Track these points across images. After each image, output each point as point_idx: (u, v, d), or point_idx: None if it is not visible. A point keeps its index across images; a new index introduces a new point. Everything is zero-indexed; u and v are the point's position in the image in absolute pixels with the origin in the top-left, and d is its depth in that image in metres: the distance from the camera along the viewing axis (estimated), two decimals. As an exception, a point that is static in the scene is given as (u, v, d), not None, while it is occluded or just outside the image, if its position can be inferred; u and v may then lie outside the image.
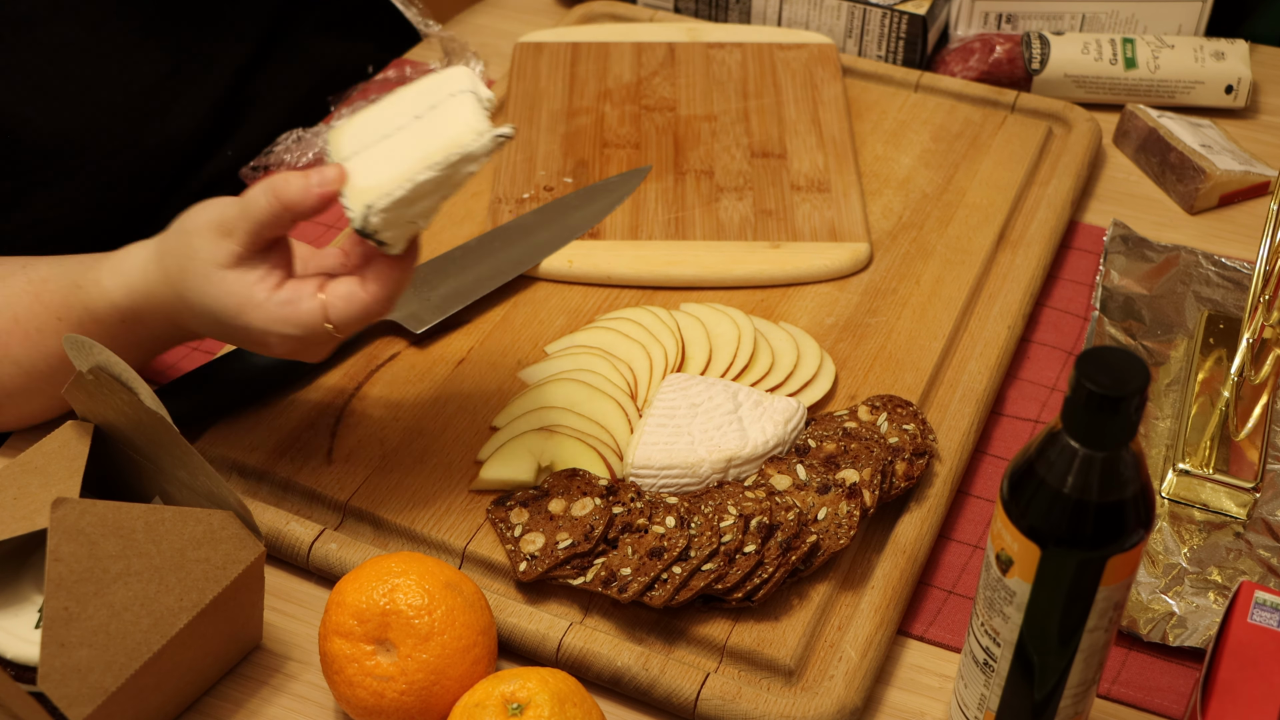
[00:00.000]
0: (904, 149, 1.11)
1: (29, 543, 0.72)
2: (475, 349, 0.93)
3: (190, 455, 0.70)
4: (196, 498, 0.72)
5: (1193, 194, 1.07)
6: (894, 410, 0.84)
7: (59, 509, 0.65)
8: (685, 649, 0.76)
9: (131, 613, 0.66)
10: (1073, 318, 0.98)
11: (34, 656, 0.68)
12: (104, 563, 0.66)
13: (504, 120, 1.12)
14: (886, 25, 1.19)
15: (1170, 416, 0.89)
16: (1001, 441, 0.89)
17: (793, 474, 0.81)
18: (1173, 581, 0.79)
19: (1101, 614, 0.62)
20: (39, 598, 0.71)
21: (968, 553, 0.82)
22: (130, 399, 0.69)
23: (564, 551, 0.77)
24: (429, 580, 0.70)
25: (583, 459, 0.82)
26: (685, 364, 0.89)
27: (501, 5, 1.33)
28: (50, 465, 0.71)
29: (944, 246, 1.01)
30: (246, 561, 0.70)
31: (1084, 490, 0.59)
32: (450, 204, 1.05)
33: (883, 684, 0.76)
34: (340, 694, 0.70)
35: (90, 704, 0.64)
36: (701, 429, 0.82)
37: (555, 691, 0.66)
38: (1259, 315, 0.86)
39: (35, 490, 0.70)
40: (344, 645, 0.69)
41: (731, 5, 1.24)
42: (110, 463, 0.75)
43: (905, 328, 0.94)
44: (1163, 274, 0.99)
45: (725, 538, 0.76)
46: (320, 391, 0.90)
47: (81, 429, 0.73)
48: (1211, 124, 1.13)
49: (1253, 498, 0.83)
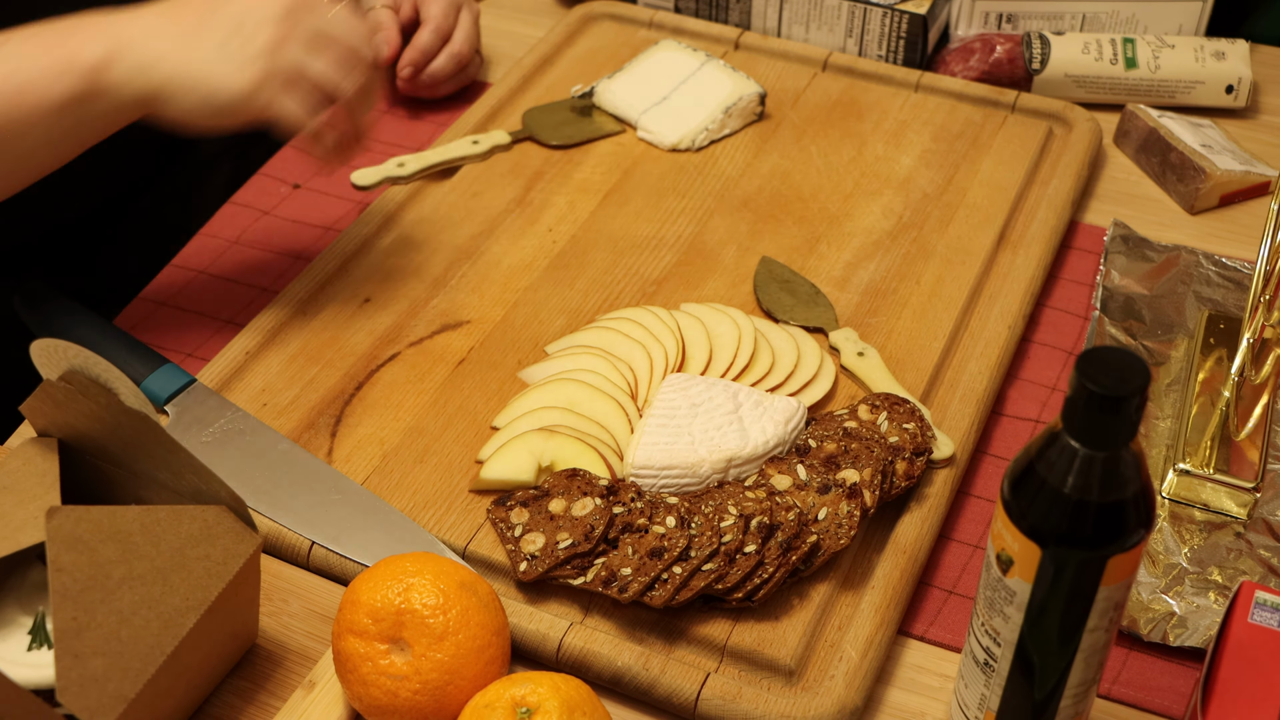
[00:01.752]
0: (904, 149, 1.11)
1: (7, 564, 0.71)
2: (475, 349, 0.93)
3: (175, 452, 0.69)
4: (180, 499, 0.71)
5: (1193, 194, 1.07)
6: (894, 409, 0.84)
7: (54, 518, 0.64)
8: (686, 649, 0.76)
9: (140, 616, 0.65)
10: (1073, 318, 0.98)
11: (30, 679, 0.67)
12: (105, 569, 0.65)
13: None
14: (886, 25, 1.19)
15: (1171, 416, 0.89)
16: (1001, 441, 0.89)
17: (793, 474, 0.81)
18: (1173, 581, 0.79)
19: (1102, 614, 0.62)
20: (27, 619, 0.70)
21: (968, 553, 0.82)
22: (108, 400, 0.68)
23: (564, 551, 0.77)
24: (444, 580, 0.70)
25: (583, 459, 0.82)
26: (685, 364, 0.89)
27: (501, 5, 1.33)
28: (20, 483, 0.70)
29: (944, 246, 1.01)
30: (246, 554, 0.69)
31: (1084, 490, 0.58)
32: (451, 204, 1.05)
33: (883, 684, 0.76)
34: (354, 693, 0.70)
35: (111, 713, 0.63)
36: (702, 429, 0.82)
37: (566, 698, 0.66)
38: (1259, 315, 0.86)
39: (10, 509, 0.69)
40: (358, 644, 0.69)
41: (731, 5, 1.24)
42: (76, 477, 0.73)
43: (905, 328, 0.94)
44: (1163, 274, 0.99)
45: (725, 538, 0.76)
46: (320, 392, 0.90)
47: (44, 444, 0.71)
48: (1212, 124, 1.13)
49: (1253, 498, 0.83)
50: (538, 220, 1.04)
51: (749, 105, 1.12)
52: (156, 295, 1.00)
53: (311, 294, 0.97)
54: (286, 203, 1.08)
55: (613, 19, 1.26)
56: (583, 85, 1.17)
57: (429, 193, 1.06)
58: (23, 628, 0.70)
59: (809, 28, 1.22)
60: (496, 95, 1.15)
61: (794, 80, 1.19)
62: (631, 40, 1.24)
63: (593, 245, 1.01)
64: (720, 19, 1.26)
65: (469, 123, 1.12)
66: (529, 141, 1.12)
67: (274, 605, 0.79)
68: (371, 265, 0.99)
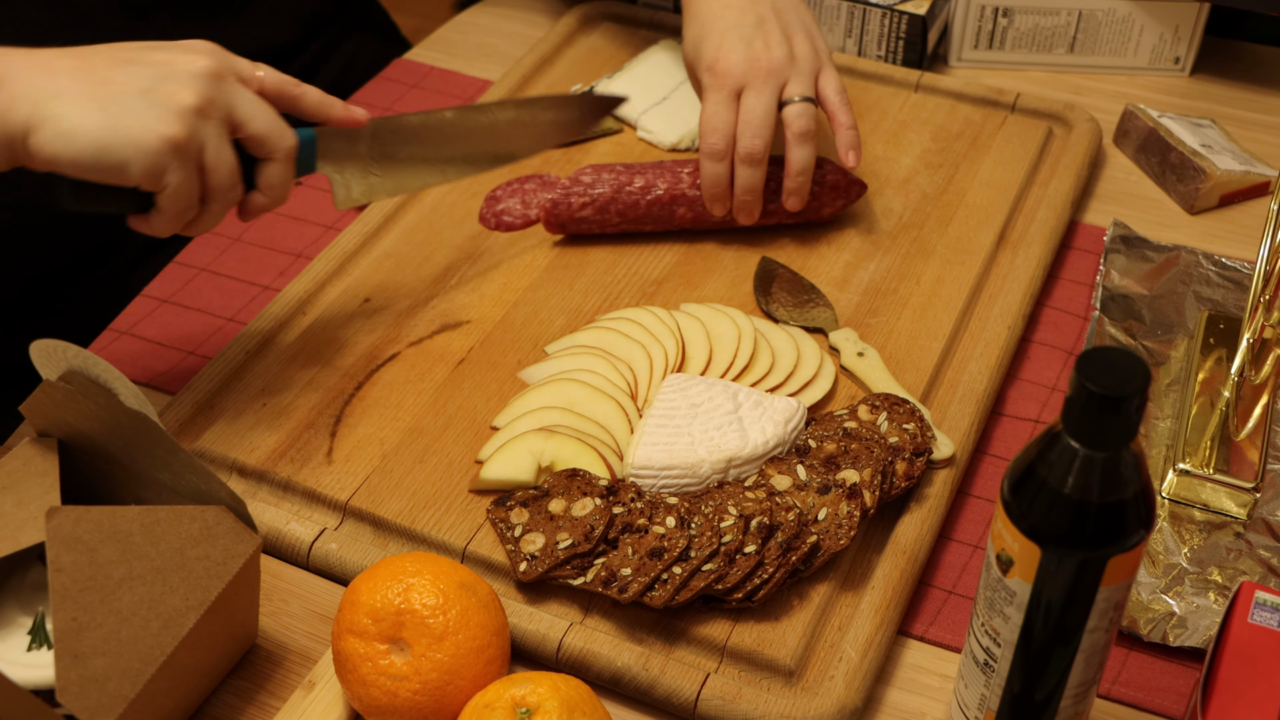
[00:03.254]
0: (904, 149, 1.11)
1: (7, 564, 0.71)
2: (475, 349, 0.93)
3: (175, 453, 0.69)
4: (180, 499, 0.71)
5: (1193, 194, 1.07)
6: (894, 410, 0.84)
7: (54, 518, 0.64)
8: (685, 649, 0.76)
9: (140, 617, 0.65)
10: (1073, 318, 0.98)
11: (29, 679, 0.67)
12: (105, 569, 0.65)
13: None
14: (886, 25, 1.19)
15: (1170, 416, 0.89)
16: (1001, 441, 0.89)
17: (793, 474, 0.81)
18: (1173, 581, 0.79)
19: (1102, 614, 0.62)
20: (27, 619, 0.70)
21: (968, 553, 0.82)
22: (108, 400, 0.68)
23: (564, 552, 0.77)
24: (444, 580, 0.70)
25: (583, 459, 0.82)
26: (685, 364, 0.89)
27: (501, 5, 1.33)
28: (19, 483, 0.70)
29: (944, 246, 1.01)
30: (246, 555, 0.69)
31: (1084, 490, 0.58)
32: (450, 205, 1.05)
33: (883, 684, 0.76)
34: (354, 693, 0.70)
35: (111, 713, 0.63)
36: (702, 429, 0.82)
37: (565, 699, 0.66)
38: (1259, 315, 0.86)
39: (10, 509, 0.69)
40: (358, 644, 0.69)
41: (731, 5, 1.24)
42: (76, 477, 0.73)
43: (905, 328, 0.94)
44: (1163, 274, 0.99)
45: (725, 538, 0.76)
46: (320, 391, 0.90)
47: (44, 444, 0.72)
48: (1212, 124, 1.13)
49: (1253, 498, 0.83)
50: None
51: None
52: (158, 293, 1.00)
53: (311, 294, 0.97)
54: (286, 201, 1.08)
55: (613, 19, 1.26)
56: (582, 85, 1.16)
57: (429, 192, 1.06)
58: (23, 628, 0.70)
59: (809, 27, 1.22)
60: (496, 95, 1.15)
61: (794, 80, 1.18)
62: (631, 40, 1.24)
63: (592, 245, 1.01)
64: (720, 19, 1.26)
65: (469, 122, 1.12)
66: (529, 141, 1.12)
67: (274, 605, 0.79)
68: (371, 265, 0.99)
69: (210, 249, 1.04)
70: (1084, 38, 1.21)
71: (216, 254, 1.03)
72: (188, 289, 1.00)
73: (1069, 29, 1.21)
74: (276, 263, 1.02)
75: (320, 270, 0.98)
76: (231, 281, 1.01)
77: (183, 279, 1.01)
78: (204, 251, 1.04)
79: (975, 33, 1.22)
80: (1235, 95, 1.20)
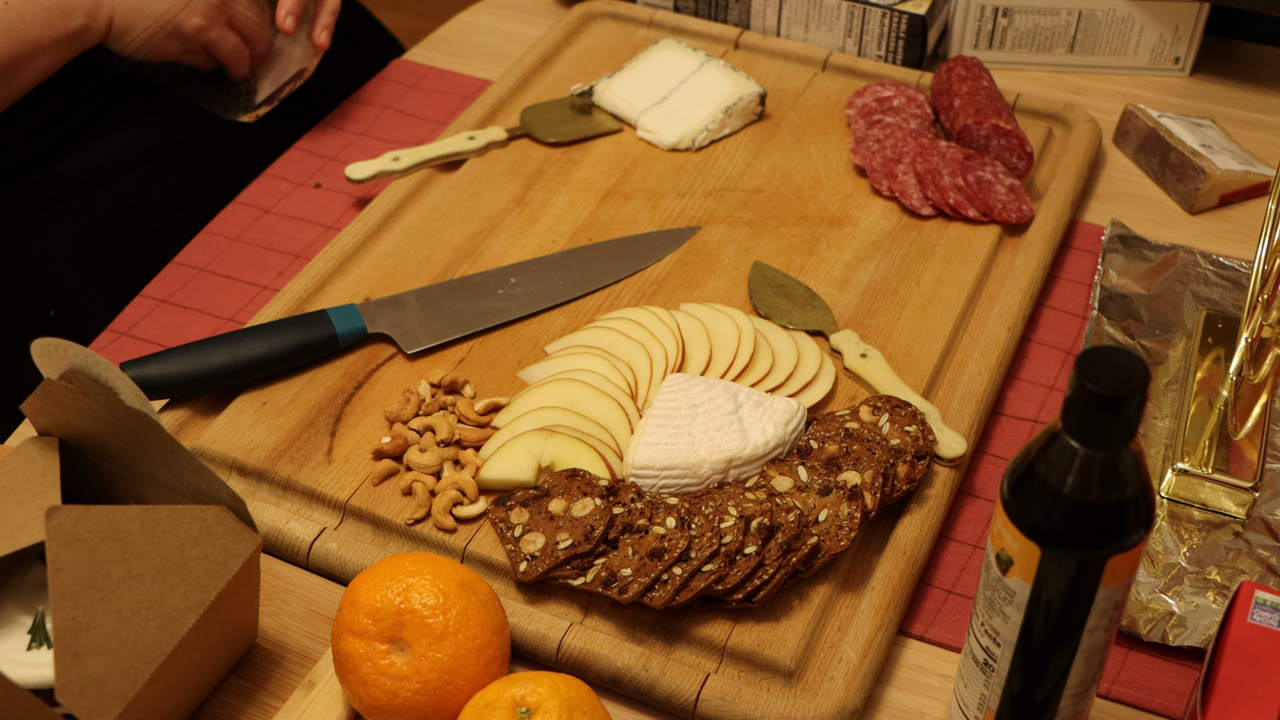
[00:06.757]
0: (904, 149, 1.11)
1: (7, 563, 0.71)
2: (475, 349, 0.93)
3: (175, 452, 0.69)
4: (179, 499, 0.71)
5: (1193, 194, 1.07)
6: (895, 412, 0.84)
7: (54, 517, 0.64)
8: (685, 650, 0.76)
9: (140, 616, 0.65)
10: (1072, 317, 0.98)
11: (29, 679, 0.67)
12: (105, 568, 0.65)
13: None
14: (886, 25, 1.19)
15: (1169, 416, 0.89)
16: (1001, 441, 0.89)
17: (794, 475, 0.81)
18: (1172, 581, 0.79)
19: (1101, 614, 0.62)
20: (27, 619, 0.70)
21: (968, 553, 0.83)
22: (109, 399, 0.68)
23: (564, 552, 0.77)
24: (443, 580, 0.70)
25: (583, 459, 0.82)
26: (685, 364, 0.89)
27: (501, 5, 1.33)
28: (20, 482, 0.70)
29: (944, 247, 1.01)
30: (245, 554, 0.69)
31: (1084, 490, 0.59)
32: (450, 203, 1.05)
33: (883, 684, 0.76)
34: (354, 693, 0.70)
35: (111, 713, 0.63)
36: (702, 430, 0.82)
37: (565, 698, 0.66)
38: (1257, 314, 0.86)
39: (10, 508, 0.69)
40: (358, 644, 0.69)
41: (731, 5, 1.24)
42: (76, 476, 0.73)
43: (905, 328, 0.94)
44: (1161, 273, 0.99)
45: (726, 539, 0.76)
46: (320, 391, 0.90)
47: (45, 443, 0.72)
48: (1212, 123, 1.13)
49: (1252, 497, 0.83)
50: (537, 219, 1.04)
51: (749, 105, 1.12)
52: (157, 293, 1.00)
53: (311, 293, 0.97)
54: (287, 201, 1.08)
55: (612, 18, 1.26)
56: (582, 84, 1.16)
57: (429, 191, 1.06)
58: (22, 627, 0.70)
59: (808, 27, 1.22)
60: (496, 94, 1.15)
61: (794, 80, 1.19)
62: (631, 40, 1.24)
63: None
64: (720, 18, 1.26)
65: (468, 121, 1.12)
66: (526, 139, 1.12)
67: (274, 605, 0.79)
68: (371, 265, 0.99)
69: (209, 249, 1.04)
70: (1084, 38, 1.21)
71: (215, 254, 1.03)
72: (186, 289, 1.00)
73: (1069, 29, 1.21)
74: (276, 263, 1.02)
75: (320, 270, 0.98)
76: (230, 281, 1.01)
77: (182, 279, 1.01)
78: (203, 251, 1.04)
79: (975, 32, 1.22)
80: (1235, 95, 1.20)
